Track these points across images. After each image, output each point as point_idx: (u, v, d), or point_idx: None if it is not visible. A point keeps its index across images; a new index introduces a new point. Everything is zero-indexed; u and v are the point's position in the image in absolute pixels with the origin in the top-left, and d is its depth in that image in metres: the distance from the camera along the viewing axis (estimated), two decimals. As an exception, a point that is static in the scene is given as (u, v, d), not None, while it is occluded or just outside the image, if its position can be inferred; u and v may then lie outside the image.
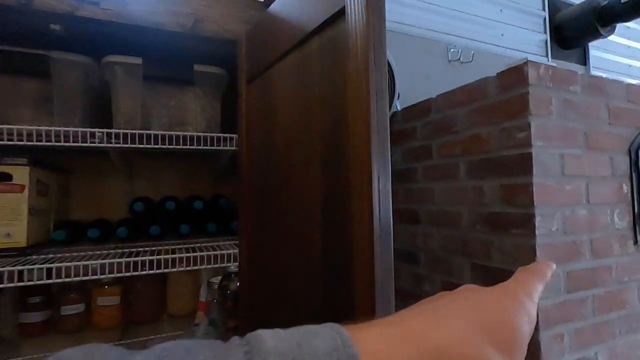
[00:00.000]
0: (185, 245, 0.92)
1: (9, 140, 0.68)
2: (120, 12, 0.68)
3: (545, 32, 1.86)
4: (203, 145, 0.80)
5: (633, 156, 0.96)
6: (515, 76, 0.85)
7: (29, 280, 0.70)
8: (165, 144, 0.77)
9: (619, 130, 0.96)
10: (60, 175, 0.98)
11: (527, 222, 0.81)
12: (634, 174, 0.96)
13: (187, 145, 0.79)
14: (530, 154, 0.81)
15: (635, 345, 0.94)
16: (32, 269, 0.69)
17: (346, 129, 0.44)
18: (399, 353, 0.20)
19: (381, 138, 0.41)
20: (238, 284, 0.87)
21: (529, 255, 0.81)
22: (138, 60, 0.77)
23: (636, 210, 0.96)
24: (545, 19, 1.86)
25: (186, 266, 0.79)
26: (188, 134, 0.79)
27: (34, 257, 0.79)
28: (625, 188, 0.95)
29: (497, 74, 0.90)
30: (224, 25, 0.76)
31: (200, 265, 0.81)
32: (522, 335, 0.23)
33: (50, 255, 0.80)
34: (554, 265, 0.28)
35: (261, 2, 0.80)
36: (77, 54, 0.77)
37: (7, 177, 0.77)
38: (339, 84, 0.47)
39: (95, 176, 1.10)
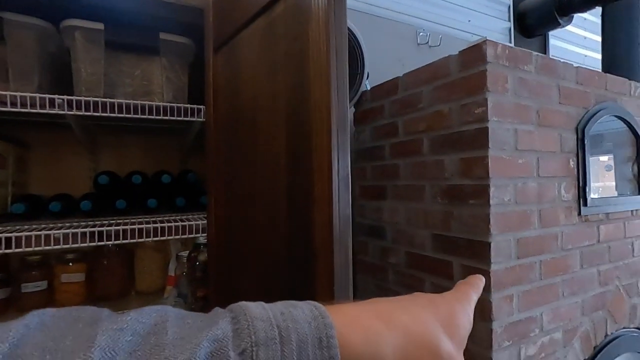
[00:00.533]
0: (153, 219, 0.92)
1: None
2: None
3: (509, 20, 1.94)
4: (170, 116, 0.80)
5: (580, 134, 1.04)
6: (475, 54, 0.89)
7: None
8: (130, 113, 0.76)
9: (568, 110, 1.03)
10: (18, 147, 0.94)
11: (482, 193, 0.87)
12: (579, 151, 1.04)
13: (152, 115, 0.78)
14: (487, 128, 0.86)
15: (575, 306, 1.03)
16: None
17: (308, 88, 0.46)
18: (371, 326, 0.23)
19: (341, 95, 0.43)
20: (207, 255, 0.88)
21: (483, 224, 0.87)
22: (100, 26, 0.75)
23: (580, 184, 1.04)
24: (509, 7, 1.93)
25: (153, 237, 0.79)
26: (154, 103, 0.78)
27: (-10, 228, 0.76)
28: (572, 163, 1.03)
29: (458, 52, 0.94)
30: (188, -8, 0.75)
31: (169, 236, 0.81)
32: (464, 330, 0.28)
33: (8, 227, 0.78)
34: (484, 279, 0.34)
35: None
36: (33, 17, 0.73)
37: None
38: (303, 45, 0.49)
39: (56, 151, 1.07)
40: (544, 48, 2.11)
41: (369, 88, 1.30)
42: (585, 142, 1.04)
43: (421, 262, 1.05)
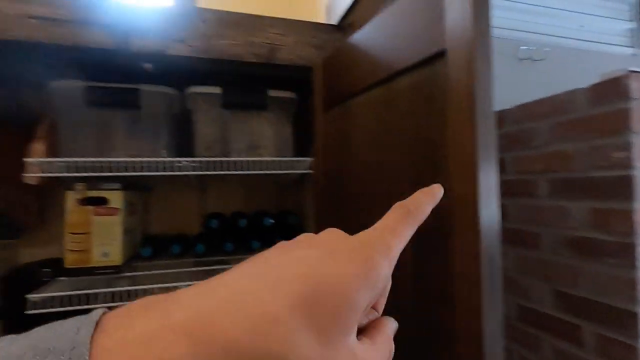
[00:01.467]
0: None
1: (108, 171, 0.74)
2: (203, 48, 0.71)
3: (633, 20, 1.66)
4: (278, 170, 0.82)
5: None
6: (613, 88, 0.77)
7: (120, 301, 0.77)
8: (242, 169, 0.80)
9: None
10: (143, 193, 1.06)
11: (625, 252, 0.74)
12: None
13: (263, 170, 0.82)
14: (631, 177, 0.73)
15: None
16: (121, 290, 0.76)
17: (448, 184, 0.42)
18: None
19: (490, 201, 0.39)
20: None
21: (627, 289, 0.73)
22: (217, 90, 0.80)
23: None
24: (634, 4, 1.66)
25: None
26: (265, 159, 0.81)
27: (127, 274, 0.86)
28: None
29: (589, 86, 0.82)
30: (297, 52, 0.77)
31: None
32: (354, 309, 0.16)
33: (139, 273, 0.87)
34: (441, 190, 0.22)
35: (334, 25, 0.80)
36: (163, 86, 0.81)
37: (104, 201, 0.85)
38: (433, 129, 0.45)
39: (171, 193, 1.18)
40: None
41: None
42: None
43: (538, 319, 0.93)
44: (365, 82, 0.59)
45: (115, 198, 0.86)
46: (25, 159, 0.76)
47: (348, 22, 0.80)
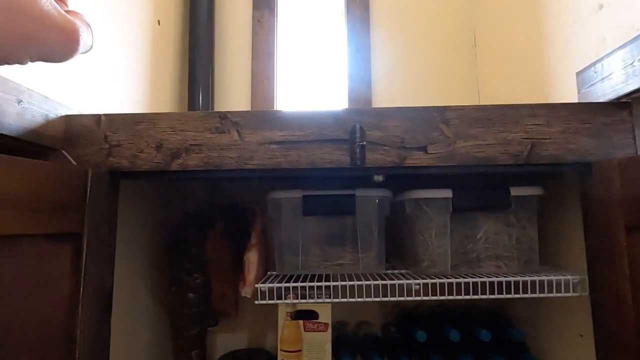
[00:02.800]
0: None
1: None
2: (446, 154, 0.59)
3: None
4: (539, 293, 0.63)
5: None
6: None
7: None
8: (486, 294, 0.63)
9: None
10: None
11: None
12: None
13: (519, 293, 0.63)
14: None
15: None
16: None
17: None
18: None
19: None
20: None
21: None
22: (448, 194, 0.67)
23: None
24: None
25: None
26: (528, 278, 0.63)
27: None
28: None
29: None
30: (566, 145, 0.58)
31: None
32: None
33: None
34: None
35: (611, 103, 0.59)
36: (376, 189, 0.72)
37: (314, 315, 0.77)
38: None
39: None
40: None
41: None
42: None
43: None
44: None
45: (325, 313, 0.77)
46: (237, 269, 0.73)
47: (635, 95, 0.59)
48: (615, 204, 0.53)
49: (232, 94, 1.25)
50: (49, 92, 0.57)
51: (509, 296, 0.63)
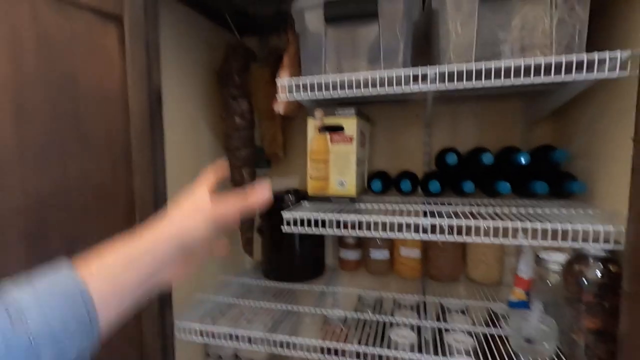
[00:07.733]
0: (517, 209, 0.75)
1: (347, 87, 0.68)
2: None
3: None
4: (566, 74, 0.56)
5: None
6: None
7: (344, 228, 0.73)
8: (509, 77, 0.59)
9: None
10: (369, 125, 0.99)
11: None
12: None
13: (539, 75, 0.57)
14: None
15: None
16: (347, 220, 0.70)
17: None
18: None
19: None
20: (600, 274, 0.62)
21: None
22: (476, -29, 0.59)
23: None
24: None
25: (529, 237, 0.61)
26: (552, 59, 0.56)
27: (361, 205, 0.82)
28: None
29: None
30: None
31: (542, 239, 0.61)
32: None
33: (369, 205, 0.82)
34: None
35: None
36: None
37: (340, 128, 0.82)
38: None
39: (393, 125, 1.09)
40: None
41: None
42: None
43: None
44: None
45: (350, 125, 0.81)
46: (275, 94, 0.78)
47: None
48: None
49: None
50: None
51: (547, 79, 0.57)
